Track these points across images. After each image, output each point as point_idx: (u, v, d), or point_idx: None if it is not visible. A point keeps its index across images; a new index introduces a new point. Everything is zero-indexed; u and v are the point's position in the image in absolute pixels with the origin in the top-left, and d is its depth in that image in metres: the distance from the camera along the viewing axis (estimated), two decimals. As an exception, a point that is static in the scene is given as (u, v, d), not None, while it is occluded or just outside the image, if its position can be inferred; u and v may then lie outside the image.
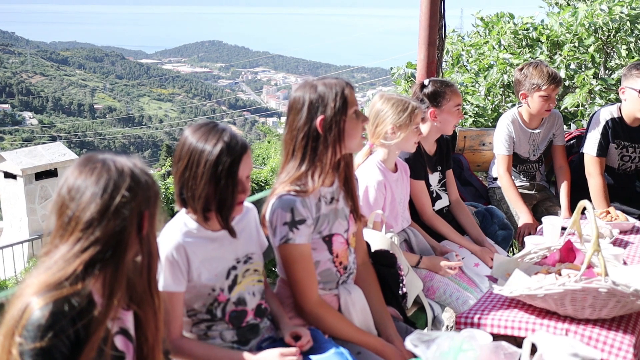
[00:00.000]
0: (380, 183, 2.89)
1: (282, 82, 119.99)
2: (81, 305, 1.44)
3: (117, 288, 1.50)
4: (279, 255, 2.20)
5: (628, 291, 2.01)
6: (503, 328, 2.20)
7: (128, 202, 1.49)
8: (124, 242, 1.50)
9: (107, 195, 1.48)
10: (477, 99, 7.99)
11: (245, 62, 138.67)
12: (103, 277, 1.50)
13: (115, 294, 1.49)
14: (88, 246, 1.46)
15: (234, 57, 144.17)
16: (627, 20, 7.82)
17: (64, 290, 1.42)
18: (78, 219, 1.47)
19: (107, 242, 1.47)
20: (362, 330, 2.27)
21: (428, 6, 3.83)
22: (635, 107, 3.55)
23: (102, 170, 1.50)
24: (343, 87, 2.17)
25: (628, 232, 3.10)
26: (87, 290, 1.45)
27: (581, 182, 3.74)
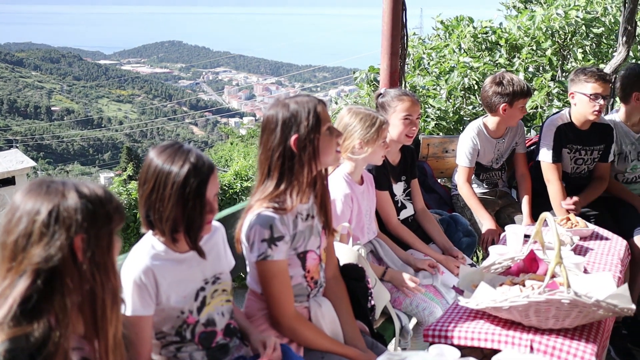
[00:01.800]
0: (347, 196, 2.91)
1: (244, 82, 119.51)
2: (40, 338, 1.37)
3: (63, 320, 1.42)
4: (257, 270, 2.21)
5: (589, 302, 2.06)
6: (470, 340, 2.23)
7: (49, 226, 1.40)
8: (57, 272, 1.41)
9: (31, 218, 1.40)
10: (439, 102, 8.08)
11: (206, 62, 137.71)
12: (51, 309, 1.41)
13: (62, 326, 1.41)
14: (18, 278, 1.37)
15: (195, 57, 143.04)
16: (582, 24, 8.00)
17: (13, 329, 1.34)
18: (6, 245, 1.40)
19: (36, 272, 1.38)
20: (338, 342, 2.31)
21: (390, 16, 3.87)
22: (586, 111, 3.66)
23: (38, 193, 1.43)
24: (315, 105, 2.18)
25: (588, 239, 3.18)
26: (38, 326, 1.37)
27: (542, 188, 3.82)
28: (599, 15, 8.22)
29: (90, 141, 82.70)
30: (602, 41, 8.17)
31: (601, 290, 2.27)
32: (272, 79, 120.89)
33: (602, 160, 3.90)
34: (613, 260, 2.91)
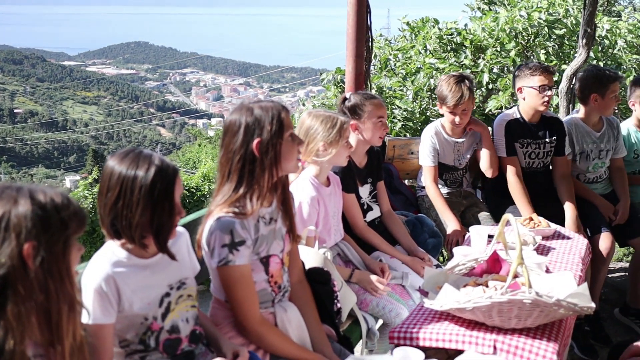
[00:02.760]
0: (313, 199, 2.91)
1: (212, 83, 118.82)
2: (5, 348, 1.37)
3: (17, 328, 1.40)
4: (219, 277, 2.20)
5: (550, 301, 2.10)
6: (434, 341, 2.26)
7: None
8: (8, 279, 1.39)
9: None
10: (405, 103, 8.14)
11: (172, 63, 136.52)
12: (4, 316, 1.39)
13: (17, 334, 1.40)
14: None
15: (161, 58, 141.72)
16: (544, 26, 8.13)
17: None
18: None
19: None
20: (303, 348, 2.31)
21: (355, 19, 3.89)
22: (536, 103, 3.78)
23: None
24: (279, 111, 2.19)
25: (550, 238, 3.24)
26: None
27: (504, 186, 3.88)
28: (561, 17, 8.36)
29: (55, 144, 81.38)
30: (564, 42, 8.31)
31: (562, 289, 2.32)
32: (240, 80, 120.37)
33: (558, 154, 3.97)
34: (574, 259, 2.97)
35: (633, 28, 9.12)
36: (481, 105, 8.60)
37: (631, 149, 4.28)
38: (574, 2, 8.42)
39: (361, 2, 3.88)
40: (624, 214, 4.05)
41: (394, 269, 3.22)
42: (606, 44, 8.89)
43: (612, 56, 8.68)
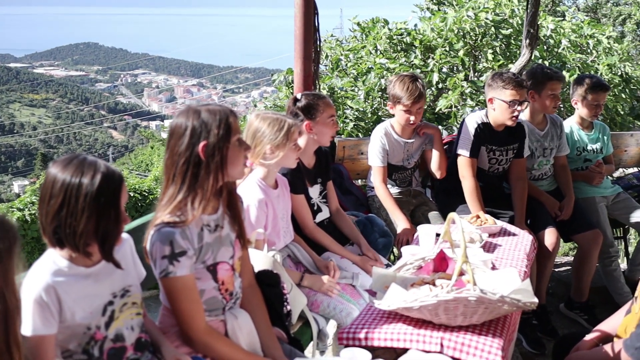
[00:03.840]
0: (261, 201, 2.90)
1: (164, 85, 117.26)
2: None
3: None
4: (162, 287, 2.17)
5: (494, 298, 2.14)
6: (383, 341, 2.28)
7: None
8: None
9: None
10: (357, 103, 8.18)
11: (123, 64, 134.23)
12: None
13: None
14: None
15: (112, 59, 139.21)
16: (491, 26, 8.28)
17: None
18: None
19: None
20: (254, 355, 2.28)
21: (302, 20, 3.88)
22: (505, 117, 3.77)
23: None
24: (227, 115, 2.17)
25: (496, 235, 3.30)
26: None
27: (457, 184, 3.93)
28: (507, 17, 8.53)
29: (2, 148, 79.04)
30: (511, 42, 8.48)
31: (506, 285, 2.36)
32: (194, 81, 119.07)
33: (517, 157, 4.03)
34: (519, 256, 3.03)
35: (576, 28, 9.37)
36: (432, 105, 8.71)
37: (574, 147, 4.40)
38: (520, 3, 8.60)
39: (308, 3, 3.88)
40: (569, 210, 4.15)
41: (344, 269, 3.23)
42: (551, 43, 9.12)
43: (557, 55, 8.90)
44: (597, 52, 9.23)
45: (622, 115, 8.98)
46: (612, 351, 2.39)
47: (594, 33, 9.34)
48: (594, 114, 4.31)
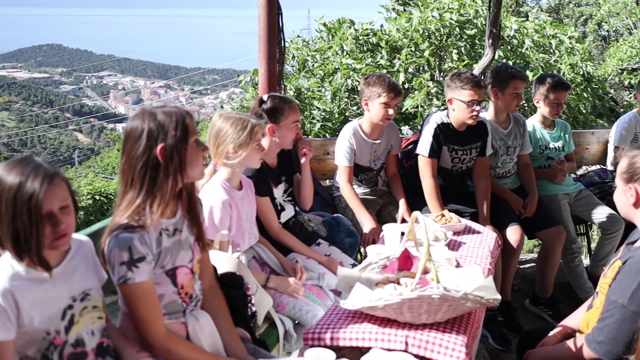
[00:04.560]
0: (225, 202, 2.88)
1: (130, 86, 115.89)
2: None
3: None
4: (120, 293, 2.13)
5: (458, 295, 2.15)
6: (348, 340, 2.28)
7: None
8: None
9: None
10: (324, 103, 8.19)
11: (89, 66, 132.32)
12: None
13: None
14: None
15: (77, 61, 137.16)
16: (456, 26, 8.36)
17: None
18: None
19: None
20: (216, 356, 2.26)
21: (266, 21, 3.87)
22: (464, 116, 3.81)
23: None
24: (183, 116, 2.14)
25: (461, 233, 3.33)
26: None
27: (419, 184, 3.95)
28: (471, 18, 8.63)
29: (-36, 152, 77.35)
30: (475, 42, 8.58)
31: (470, 283, 2.38)
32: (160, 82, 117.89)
33: (480, 155, 4.07)
34: (483, 253, 3.06)
35: (539, 28, 9.52)
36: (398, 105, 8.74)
37: (537, 145, 4.46)
38: (483, 3, 8.71)
39: (272, 4, 3.87)
40: (532, 207, 4.21)
41: (310, 269, 3.23)
42: (515, 43, 9.24)
43: (521, 55, 9.02)
44: (560, 52, 9.38)
45: (584, 113, 9.14)
46: (574, 346, 2.43)
47: (556, 33, 9.50)
48: (556, 113, 4.38)
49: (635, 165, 2.32)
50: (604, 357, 2.28)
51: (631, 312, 2.20)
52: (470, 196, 4.11)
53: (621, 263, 2.34)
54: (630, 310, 2.20)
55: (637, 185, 2.31)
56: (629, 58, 12.65)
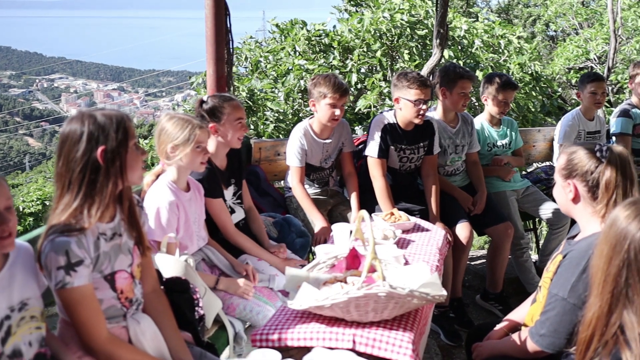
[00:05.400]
0: (172, 203, 2.85)
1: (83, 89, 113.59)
2: None
3: None
4: (59, 299, 2.08)
5: (404, 292, 2.17)
6: (296, 340, 2.28)
7: None
8: None
9: None
10: (277, 104, 8.18)
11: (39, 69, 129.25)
12: None
13: None
14: None
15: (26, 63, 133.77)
16: (407, 27, 8.45)
17: None
18: None
19: None
20: (158, 359, 2.23)
21: (213, 22, 3.84)
22: (411, 115, 3.84)
23: None
24: (123, 119, 2.11)
25: (410, 231, 3.36)
26: None
27: (371, 184, 3.97)
28: (422, 18, 8.73)
29: None
30: (426, 42, 8.69)
31: (417, 280, 2.40)
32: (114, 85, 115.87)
33: (428, 154, 4.11)
34: (432, 250, 3.10)
35: (488, 28, 9.68)
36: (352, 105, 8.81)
37: (485, 143, 4.54)
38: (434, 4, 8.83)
39: (219, 5, 3.84)
40: (481, 204, 4.27)
41: (261, 271, 3.22)
42: (465, 43, 9.39)
43: (471, 55, 9.17)
44: (509, 51, 9.57)
45: (533, 112, 9.35)
46: (519, 339, 2.47)
47: (505, 33, 9.69)
48: (503, 111, 4.46)
49: (573, 162, 2.37)
50: (546, 349, 2.33)
51: (571, 304, 2.25)
52: (421, 194, 4.16)
53: (562, 257, 2.39)
54: (570, 303, 2.25)
55: (576, 181, 2.36)
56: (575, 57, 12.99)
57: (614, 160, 2.32)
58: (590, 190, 2.34)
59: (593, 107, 4.86)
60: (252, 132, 7.83)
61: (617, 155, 2.33)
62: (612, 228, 1.91)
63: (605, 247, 1.92)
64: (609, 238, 1.91)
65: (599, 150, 2.33)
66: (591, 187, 2.33)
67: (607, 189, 2.31)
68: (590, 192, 2.34)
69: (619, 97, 13.57)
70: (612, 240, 1.89)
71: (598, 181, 2.32)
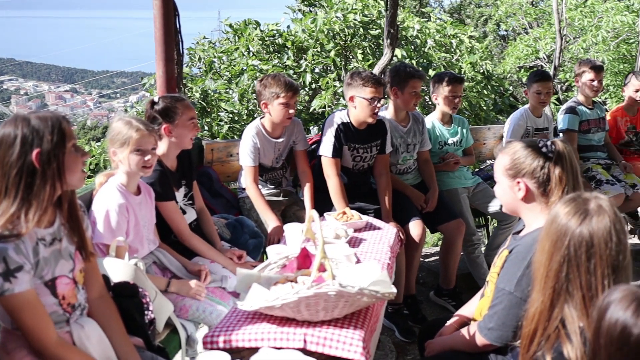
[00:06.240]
0: (121, 206, 2.81)
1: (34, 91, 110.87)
2: None
3: None
4: (1, 306, 2.03)
5: (353, 291, 2.19)
6: (247, 341, 2.27)
7: None
8: None
9: None
10: (232, 105, 8.14)
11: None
12: None
13: None
14: None
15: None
16: (360, 27, 8.51)
17: None
18: None
19: None
20: None
21: (162, 22, 3.79)
22: (366, 114, 3.86)
23: None
24: (59, 121, 2.07)
25: (362, 230, 3.38)
26: None
27: (325, 183, 3.99)
28: (375, 18, 8.80)
29: None
30: (380, 42, 8.76)
31: (367, 278, 2.42)
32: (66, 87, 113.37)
33: (380, 153, 4.14)
34: (383, 248, 3.13)
35: (440, 28, 9.82)
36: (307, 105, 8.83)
37: (436, 141, 4.60)
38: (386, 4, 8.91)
39: (167, 5, 3.80)
40: (433, 202, 4.33)
41: (213, 272, 3.20)
42: (418, 43, 9.49)
43: (424, 55, 9.29)
44: (460, 51, 9.72)
45: (485, 110, 9.51)
46: (468, 334, 2.52)
47: (457, 33, 9.84)
48: (454, 107, 4.53)
49: (519, 161, 2.41)
50: (494, 342, 2.37)
51: (518, 298, 2.29)
52: (374, 193, 4.19)
53: (508, 252, 2.44)
54: (516, 297, 2.30)
55: (525, 180, 2.38)
56: (525, 56, 13.27)
57: (561, 154, 2.38)
58: (540, 186, 2.37)
59: (539, 106, 4.98)
60: (206, 133, 7.78)
61: (563, 148, 2.39)
62: (553, 224, 1.96)
63: (547, 243, 1.96)
64: (550, 234, 1.96)
65: (545, 146, 2.37)
66: (541, 183, 2.37)
67: (560, 181, 2.35)
68: (541, 188, 2.37)
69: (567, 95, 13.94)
70: (553, 237, 1.94)
71: (549, 176, 2.36)
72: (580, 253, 1.88)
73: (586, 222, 1.89)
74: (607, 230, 1.88)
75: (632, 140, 5.56)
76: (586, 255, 1.88)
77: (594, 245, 1.87)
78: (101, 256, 2.72)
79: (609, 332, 1.53)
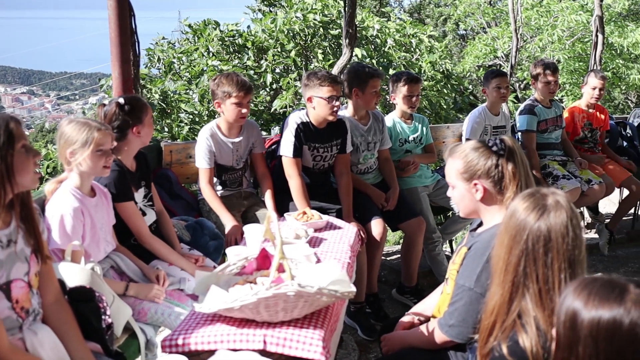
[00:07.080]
0: (76, 210, 2.75)
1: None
2: None
3: None
4: None
5: (312, 291, 2.18)
6: (206, 344, 2.25)
7: None
8: None
9: None
10: (192, 106, 8.07)
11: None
12: None
13: None
14: None
15: None
16: (320, 27, 8.52)
17: None
18: None
19: None
20: None
21: (117, 23, 3.73)
22: (325, 112, 3.87)
23: None
24: (7, 121, 2.02)
25: (322, 229, 3.38)
26: None
27: (285, 184, 3.98)
28: (335, 18, 8.82)
29: None
30: (340, 42, 8.79)
31: (327, 278, 2.42)
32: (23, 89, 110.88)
33: (341, 152, 4.15)
34: (343, 248, 3.13)
35: (400, 28, 9.89)
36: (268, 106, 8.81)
37: (397, 139, 4.63)
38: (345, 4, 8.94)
39: (122, 5, 3.74)
40: (394, 200, 4.36)
41: (172, 275, 3.16)
42: (378, 42, 9.55)
43: (384, 54, 9.34)
44: (420, 50, 9.81)
45: (445, 109, 9.61)
46: (427, 330, 2.54)
47: (417, 33, 9.92)
48: (412, 106, 4.56)
49: (472, 163, 2.43)
50: (455, 338, 2.40)
51: (478, 294, 2.32)
52: (335, 193, 4.19)
53: (467, 249, 2.46)
54: (477, 293, 2.32)
55: (482, 181, 2.41)
56: (484, 55, 13.46)
57: (512, 150, 2.42)
58: (496, 184, 2.41)
59: (499, 101, 5.03)
60: (167, 134, 7.70)
61: (512, 144, 2.44)
62: (512, 219, 1.99)
63: (506, 238, 2.00)
64: (509, 229, 2.00)
65: (495, 145, 2.41)
66: (497, 181, 2.40)
67: (514, 177, 2.39)
68: (496, 186, 2.41)
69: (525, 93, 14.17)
70: (512, 231, 1.98)
71: (502, 173, 2.40)
72: (538, 247, 1.92)
73: (544, 217, 1.92)
74: (564, 225, 1.91)
75: (586, 137, 5.69)
76: (544, 249, 1.92)
77: (552, 239, 1.91)
78: (57, 261, 2.66)
79: (591, 329, 1.53)
